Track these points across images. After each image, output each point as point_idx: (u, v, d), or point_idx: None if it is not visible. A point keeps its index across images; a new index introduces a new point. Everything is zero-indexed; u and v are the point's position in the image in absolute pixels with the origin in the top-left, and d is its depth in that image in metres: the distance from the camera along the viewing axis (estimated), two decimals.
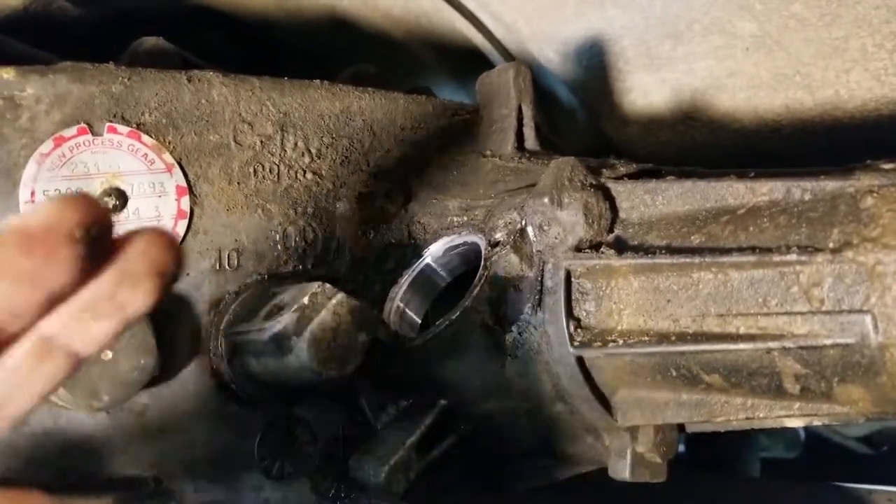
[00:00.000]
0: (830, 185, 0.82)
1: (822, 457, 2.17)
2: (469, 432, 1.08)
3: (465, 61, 1.86)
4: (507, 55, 1.79)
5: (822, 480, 1.70)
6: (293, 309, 0.87)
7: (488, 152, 1.23)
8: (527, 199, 0.98)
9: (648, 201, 0.97)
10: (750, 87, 1.59)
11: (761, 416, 0.86)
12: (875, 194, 0.77)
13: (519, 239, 0.96)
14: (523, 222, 0.97)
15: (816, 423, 0.86)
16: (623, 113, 1.84)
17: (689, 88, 1.69)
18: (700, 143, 1.71)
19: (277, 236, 1.03)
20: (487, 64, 1.86)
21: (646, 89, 1.77)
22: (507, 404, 1.03)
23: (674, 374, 0.91)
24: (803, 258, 0.78)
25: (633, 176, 1.04)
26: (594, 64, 1.77)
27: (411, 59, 1.84)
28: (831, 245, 0.77)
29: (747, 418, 0.88)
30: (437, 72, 1.86)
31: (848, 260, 0.75)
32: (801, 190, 0.84)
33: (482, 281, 0.97)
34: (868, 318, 0.74)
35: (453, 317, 0.96)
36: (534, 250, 0.97)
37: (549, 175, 0.96)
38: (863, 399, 0.78)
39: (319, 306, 0.87)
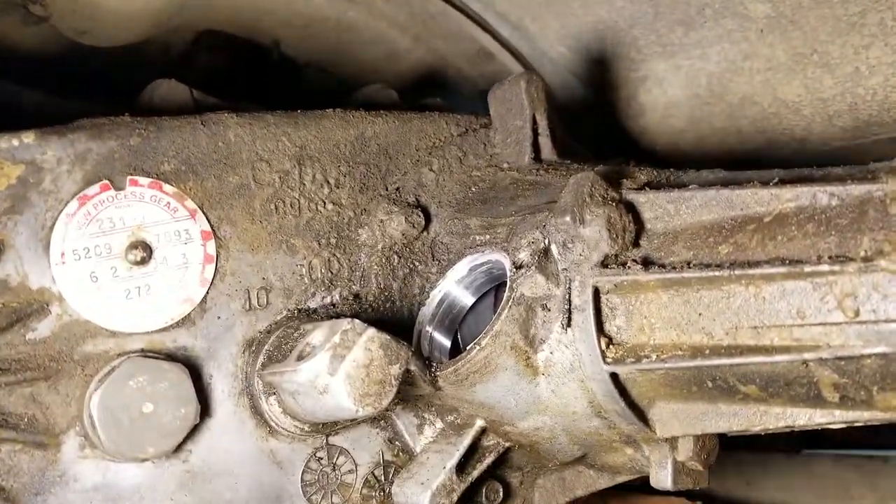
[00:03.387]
0: (857, 189, 0.80)
1: None
2: (506, 450, 1.09)
3: (477, 64, 1.85)
4: (518, 55, 1.77)
5: None
6: (326, 348, 0.87)
7: (506, 165, 1.23)
8: (548, 218, 0.98)
9: (672, 211, 0.96)
10: (767, 69, 1.57)
11: (801, 423, 0.86)
12: None
13: (543, 258, 0.96)
14: (546, 241, 0.97)
15: (858, 425, 0.85)
16: (638, 103, 1.82)
17: (704, 74, 1.66)
18: (718, 130, 1.69)
19: (303, 270, 1.03)
20: (499, 65, 1.85)
21: (660, 77, 1.74)
22: (544, 421, 1.03)
23: (710, 385, 0.90)
24: (835, 268, 0.77)
25: (654, 185, 1.03)
26: (606, 56, 1.75)
27: (422, 66, 1.83)
28: (863, 253, 0.76)
29: (786, 426, 0.87)
30: (450, 78, 1.85)
31: (881, 269, 0.74)
32: (827, 195, 0.82)
33: (509, 303, 0.97)
34: None
35: (483, 342, 0.96)
36: (559, 268, 0.97)
37: (570, 192, 0.96)
38: None
39: (351, 343, 0.88)
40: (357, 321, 0.89)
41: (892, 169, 0.80)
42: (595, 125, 1.92)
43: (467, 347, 0.99)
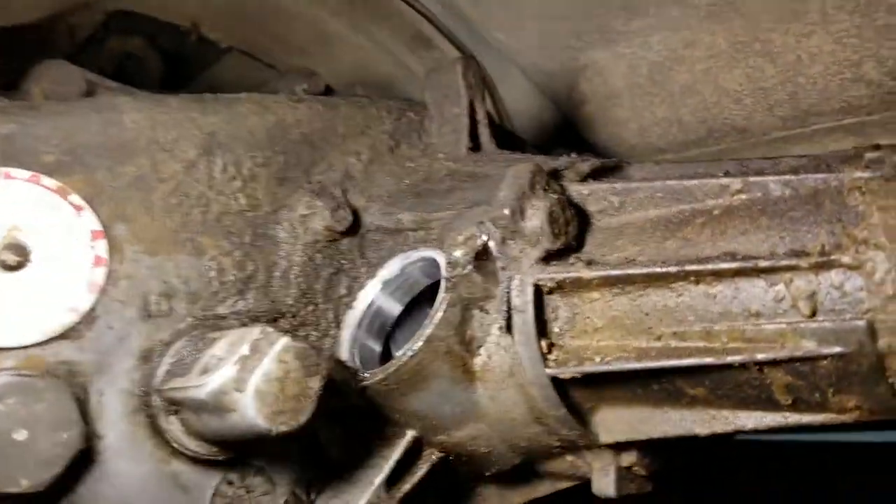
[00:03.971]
0: (812, 180, 0.75)
1: None
2: (441, 460, 1.01)
3: (415, 51, 1.76)
4: (455, 42, 1.69)
5: None
6: (233, 361, 0.78)
7: (441, 155, 1.14)
8: (486, 212, 0.90)
9: (617, 204, 0.89)
10: (708, 58, 1.53)
11: (750, 426, 0.81)
12: (861, 189, 0.71)
13: (481, 256, 0.88)
14: (484, 237, 0.89)
15: (807, 427, 0.80)
16: (580, 92, 1.76)
17: (645, 63, 1.62)
18: (661, 120, 1.64)
19: (212, 272, 0.92)
20: (437, 52, 1.77)
21: (601, 66, 1.69)
22: (481, 430, 0.96)
23: (655, 388, 0.84)
24: (791, 264, 0.71)
25: (597, 174, 0.96)
26: (546, 43, 1.68)
27: (360, 54, 1.73)
28: (820, 248, 0.70)
29: (735, 430, 0.82)
30: (384, 63, 1.76)
31: (838, 265, 0.69)
32: (780, 186, 0.77)
33: (444, 305, 0.89)
34: (865, 327, 0.67)
35: (415, 347, 0.88)
36: (498, 267, 0.89)
37: (509, 184, 0.88)
38: (859, 407, 0.72)
39: (262, 354, 0.78)
40: (269, 329, 0.80)
41: (847, 158, 0.75)
42: (535, 116, 1.86)
43: (398, 354, 0.91)
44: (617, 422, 0.90)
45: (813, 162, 0.79)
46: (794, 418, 0.77)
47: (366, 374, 0.91)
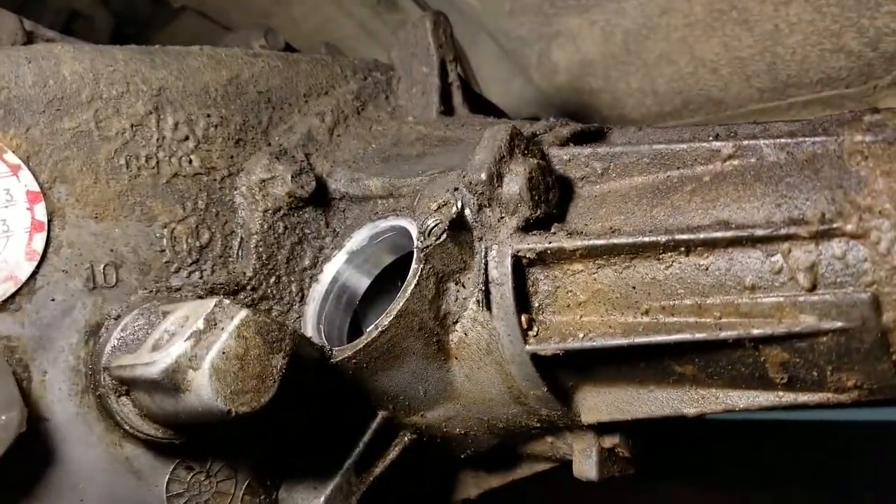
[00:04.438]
0: (809, 143, 0.71)
1: None
2: (414, 442, 0.96)
3: (380, 13, 1.68)
4: (422, 2, 1.62)
5: None
6: (186, 336, 0.71)
7: (411, 119, 1.08)
8: (461, 177, 0.84)
9: (599, 171, 0.84)
10: (685, 26, 1.48)
11: (741, 406, 0.77)
12: (863, 153, 0.66)
13: (456, 224, 0.82)
14: (459, 204, 0.83)
15: (800, 407, 0.77)
16: (551, 61, 1.71)
17: (620, 30, 1.57)
18: (636, 90, 1.60)
19: (164, 240, 0.85)
20: (403, 14, 1.69)
21: (574, 33, 1.63)
22: (457, 410, 0.90)
23: (642, 366, 0.80)
24: (789, 232, 0.67)
25: (578, 138, 0.91)
26: (517, 7, 1.62)
27: (320, 18, 1.64)
28: (819, 217, 0.66)
29: (725, 409, 0.78)
30: (347, 26, 1.67)
31: (840, 234, 0.65)
32: (775, 150, 0.72)
33: (417, 277, 0.83)
34: (868, 300, 0.63)
35: (386, 322, 0.82)
36: (474, 236, 0.83)
37: (485, 146, 0.82)
38: (859, 386, 0.69)
39: (219, 329, 0.71)
40: (227, 301, 0.73)
41: (845, 121, 0.71)
42: (507, 85, 1.80)
43: (368, 329, 0.84)
44: (600, 401, 0.85)
45: (808, 125, 0.74)
46: (788, 398, 0.73)
47: (333, 351, 0.85)
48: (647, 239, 0.74)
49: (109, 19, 1.70)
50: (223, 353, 0.70)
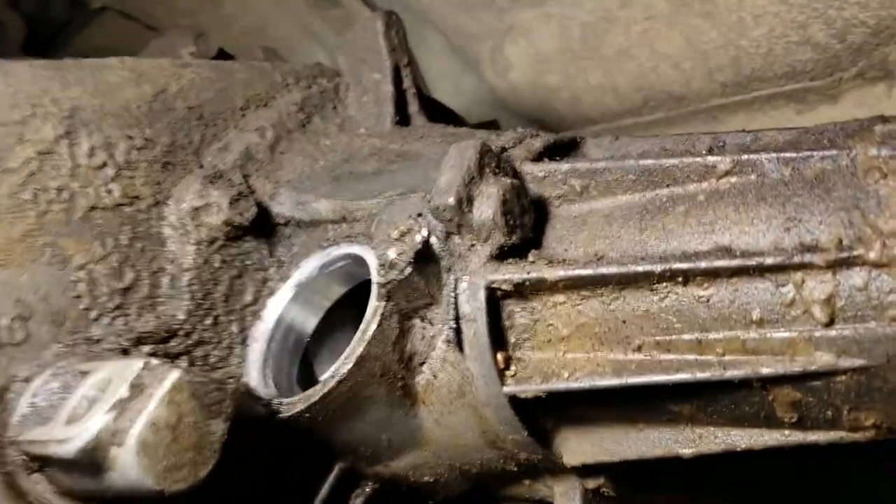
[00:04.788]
0: (817, 158, 0.63)
1: None
2: (378, 492, 0.86)
3: (317, 7, 1.56)
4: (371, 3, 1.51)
5: None
6: (108, 405, 0.60)
7: (363, 131, 0.97)
8: (425, 200, 0.75)
9: (579, 189, 0.76)
10: (645, 19, 1.41)
11: (742, 446, 0.69)
12: (881, 170, 0.59)
13: (421, 255, 0.72)
14: (424, 231, 0.73)
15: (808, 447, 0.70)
16: (504, 57, 1.62)
17: (577, 24, 1.48)
18: (594, 87, 1.52)
19: (81, 285, 0.73)
20: (344, 8, 1.57)
21: (528, 27, 1.55)
22: (425, 458, 0.81)
23: (633, 405, 0.72)
24: (803, 260, 0.59)
25: (551, 151, 0.82)
26: (468, 1, 1.53)
27: (248, 12, 1.52)
28: (836, 242, 0.59)
29: (724, 450, 0.71)
30: (284, 25, 1.55)
31: (861, 262, 0.57)
32: (778, 166, 0.65)
33: (377, 316, 0.73)
34: (894, 336, 0.56)
35: (344, 370, 0.72)
36: (441, 267, 0.74)
37: (452, 165, 0.73)
38: (878, 425, 0.62)
39: (146, 396, 0.61)
40: (154, 361, 0.63)
41: (853, 132, 0.64)
42: (457, 86, 1.70)
43: (322, 378, 0.74)
44: (584, 442, 0.77)
45: (808, 135, 0.67)
46: (796, 437, 0.66)
47: (283, 404, 0.75)
48: (639, 268, 0.66)
49: (21, 24, 1.54)
50: (152, 424, 0.60)
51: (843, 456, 0.74)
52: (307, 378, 0.88)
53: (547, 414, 0.76)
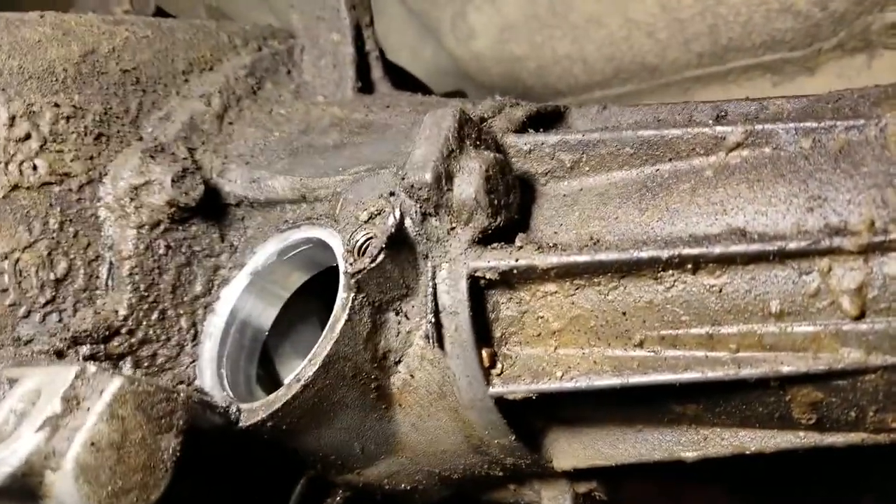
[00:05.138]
0: (841, 128, 0.57)
1: None
2: (351, 500, 0.78)
3: None
4: None
5: None
6: (38, 423, 0.50)
7: (321, 98, 0.88)
8: (397, 177, 0.66)
9: (569, 164, 0.68)
10: None
11: (752, 448, 0.63)
12: None
13: (394, 239, 0.64)
14: (397, 212, 0.65)
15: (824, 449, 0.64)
16: (467, 24, 1.53)
17: None
18: (563, 57, 1.45)
19: (6, 277, 0.63)
20: None
21: None
22: (401, 464, 0.73)
23: (631, 405, 0.65)
24: (830, 245, 0.53)
25: (534, 122, 0.74)
26: None
27: None
28: (868, 224, 0.52)
29: (732, 453, 0.65)
30: None
31: None
32: (797, 136, 0.58)
33: (347, 311, 0.64)
34: None
35: (310, 373, 0.63)
36: (418, 252, 0.66)
37: (427, 137, 0.64)
38: None
39: (83, 411, 0.51)
40: (93, 367, 0.53)
41: (877, 98, 0.57)
42: (415, 54, 1.60)
43: (287, 381, 0.65)
44: (576, 444, 0.71)
45: (825, 105, 0.61)
46: (812, 439, 0.60)
47: (242, 412, 0.65)
48: (643, 254, 0.58)
49: None
50: (92, 444, 0.51)
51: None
52: (269, 378, 0.79)
53: (536, 415, 0.69)
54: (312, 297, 0.81)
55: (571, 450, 0.71)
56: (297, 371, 0.64)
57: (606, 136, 0.66)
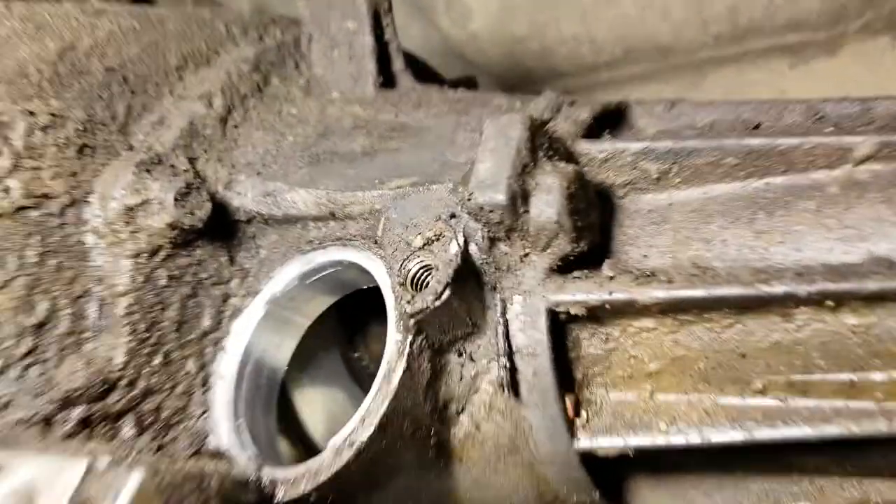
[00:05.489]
0: None
1: None
2: None
3: None
4: None
5: None
6: None
7: (336, 95, 0.75)
8: (458, 195, 0.55)
9: (655, 173, 0.58)
10: None
11: (876, 500, 0.55)
12: None
13: (461, 269, 0.53)
14: (461, 238, 0.54)
15: None
16: (464, 4, 1.41)
17: None
18: (569, 38, 1.34)
19: None
20: None
21: None
22: None
23: (736, 456, 0.56)
24: None
25: (601, 120, 0.64)
26: None
27: None
28: None
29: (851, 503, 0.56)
30: None
31: None
32: None
33: (406, 357, 0.53)
34: None
35: (364, 437, 0.52)
36: (485, 283, 0.55)
37: (492, 148, 0.53)
38: None
39: None
40: (103, 459, 0.41)
41: None
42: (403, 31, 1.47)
43: (332, 444, 0.54)
44: (662, 493, 0.62)
45: None
46: None
47: (280, 484, 0.54)
48: (776, 290, 0.49)
49: None
50: None
51: None
52: (291, 426, 0.68)
53: (623, 468, 0.59)
54: (326, 315, 0.70)
55: (655, 498, 0.62)
56: (347, 431, 0.52)
57: (704, 143, 0.56)
